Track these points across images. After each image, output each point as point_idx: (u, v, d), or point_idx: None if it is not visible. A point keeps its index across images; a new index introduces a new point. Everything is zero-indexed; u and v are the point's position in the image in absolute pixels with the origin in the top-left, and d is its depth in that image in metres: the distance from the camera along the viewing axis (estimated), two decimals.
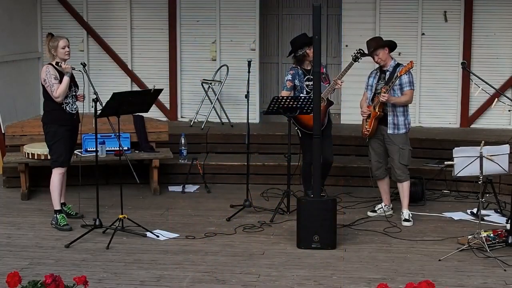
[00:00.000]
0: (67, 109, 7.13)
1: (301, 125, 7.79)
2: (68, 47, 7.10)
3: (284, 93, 7.79)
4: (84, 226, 7.06)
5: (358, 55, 7.69)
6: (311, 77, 7.76)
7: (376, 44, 7.34)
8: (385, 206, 7.62)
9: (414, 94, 10.12)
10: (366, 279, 5.75)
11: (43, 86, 7.13)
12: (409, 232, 7.03)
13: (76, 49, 10.64)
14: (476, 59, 10.17)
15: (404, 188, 7.39)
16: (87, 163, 7.84)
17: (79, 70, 6.99)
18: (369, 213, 7.65)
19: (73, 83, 7.13)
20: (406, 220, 7.29)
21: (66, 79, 7.00)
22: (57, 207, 7.20)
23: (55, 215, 7.17)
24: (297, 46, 7.81)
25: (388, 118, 7.31)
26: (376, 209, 7.67)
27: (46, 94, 7.15)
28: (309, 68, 7.82)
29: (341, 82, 7.71)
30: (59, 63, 7.05)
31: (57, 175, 7.18)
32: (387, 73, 7.35)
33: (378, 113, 7.29)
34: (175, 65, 10.78)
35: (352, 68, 7.66)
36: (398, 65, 7.35)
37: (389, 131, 7.32)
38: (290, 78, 7.81)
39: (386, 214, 7.53)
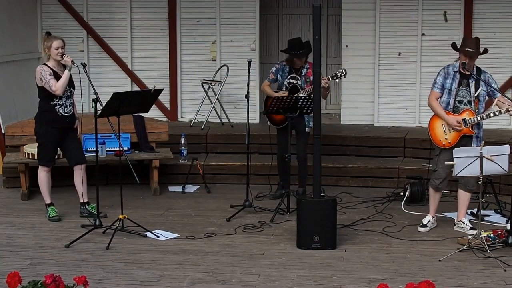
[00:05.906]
0: (60, 111, 7.16)
1: (270, 120, 8.14)
2: (62, 48, 7.09)
3: (266, 83, 8.17)
4: (84, 226, 7.07)
5: (339, 74, 7.83)
6: (297, 76, 7.91)
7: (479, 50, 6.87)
8: (432, 218, 7.16)
9: (414, 94, 10.02)
10: (366, 279, 5.75)
11: (38, 87, 7.21)
12: (409, 232, 7.02)
13: (76, 49, 10.64)
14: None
15: (468, 197, 7.12)
16: (87, 163, 7.83)
17: (77, 66, 7.02)
18: (420, 229, 7.07)
19: (67, 83, 7.10)
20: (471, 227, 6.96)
21: (66, 72, 7.03)
22: (47, 201, 7.46)
23: (47, 208, 7.46)
24: (289, 51, 7.99)
25: (475, 132, 6.94)
26: (425, 223, 7.11)
27: (40, 94, 7.25)
28: (298, 67, 8.01)
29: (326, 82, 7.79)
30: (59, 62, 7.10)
31: (42, 172, 7.40)
32: (470, 79, 6.91)
33: (473, 133, 6.91)
34: (175, 65, 10.77)
35: (350, 68, 7.65)
36: (478, 69, 7.00)
37: (474, 144, 6.91)
38: (274, 71, 8.14)
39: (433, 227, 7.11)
